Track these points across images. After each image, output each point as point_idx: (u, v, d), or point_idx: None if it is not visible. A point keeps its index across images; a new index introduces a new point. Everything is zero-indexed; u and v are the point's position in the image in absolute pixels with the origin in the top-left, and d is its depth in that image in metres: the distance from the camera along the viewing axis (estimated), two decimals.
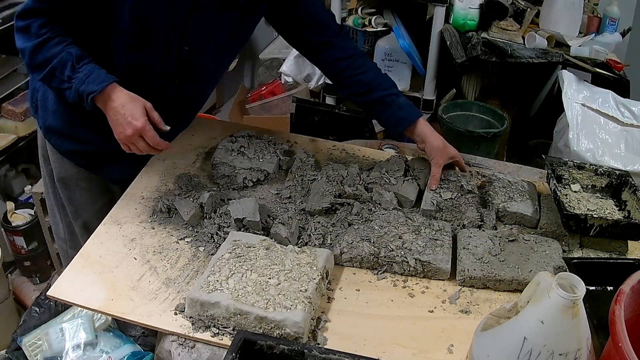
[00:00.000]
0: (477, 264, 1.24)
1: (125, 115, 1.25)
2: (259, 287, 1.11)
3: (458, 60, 2.28)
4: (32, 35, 1.27)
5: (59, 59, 1.26)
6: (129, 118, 1.25)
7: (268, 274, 1.14)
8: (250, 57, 3.62)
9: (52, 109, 1.47)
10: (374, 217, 1.36)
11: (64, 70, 1.26)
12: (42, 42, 1.26)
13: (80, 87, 1.25)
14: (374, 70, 1.55)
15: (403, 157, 1.57)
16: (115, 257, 1.24)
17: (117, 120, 1.27)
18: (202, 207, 1.34)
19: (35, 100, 1.52)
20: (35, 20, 1.26)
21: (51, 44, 1.26)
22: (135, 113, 1.25)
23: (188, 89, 1.47)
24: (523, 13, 2.38)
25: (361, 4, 2.58)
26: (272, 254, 1.19)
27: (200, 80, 1.49)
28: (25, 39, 1.28)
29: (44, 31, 1.26)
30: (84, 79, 1.25)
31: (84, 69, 1.26)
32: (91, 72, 1.26)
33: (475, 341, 0.95)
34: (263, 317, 1.05)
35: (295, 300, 1.08)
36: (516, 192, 1.47)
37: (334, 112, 2.09)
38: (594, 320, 1.02)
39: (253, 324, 1.06)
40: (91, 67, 1.27)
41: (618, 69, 2.19)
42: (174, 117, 1.40)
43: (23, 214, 2.42)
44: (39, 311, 1.55)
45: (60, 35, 1.28)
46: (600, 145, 1.92)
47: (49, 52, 1.26)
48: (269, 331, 1.06)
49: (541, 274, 0.88)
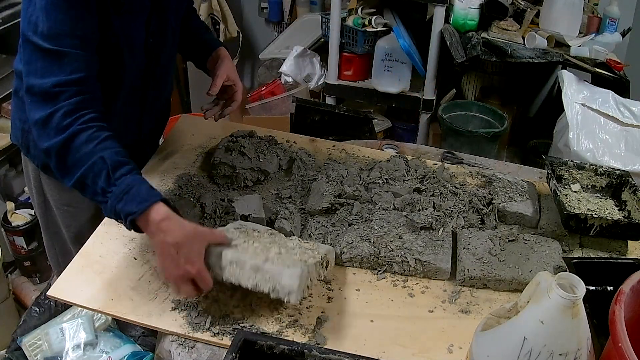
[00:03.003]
0: (477, 264, 1.24)
1: (180, 255, 1.04)
2: (260, 250, 1.09)
3: (458, 60, 2.28)
4: (55, 130, 1.07)
5: (90, 166, 1.06)
6: (183, 261, 1.04)
7: (270, 246, 1.11)
8: (250, 57, 3.62)
9: None
10: (374, 217, 1.36)
11: (96, 180, 1.06)
12: (68, 138, 1.06)
13: (117, 205, 1.05)
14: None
15: (403, 157, 1.57)
16: (115, 257, 1.24)
17: (167, 257, 1.05)
18: (202, 207, 1.34)
19: (26, 141, 1.40)
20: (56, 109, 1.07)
21: (79, 141, 1.07)
22: (192, 257, 1.04)
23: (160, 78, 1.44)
24: (523, 13, 2.38)
25: (361, 4, 2.59)
26: (277, 237, 1.18)
27: (167, 63, 1.45)
28: (46, 135, 1.08)
29: (67, 122, 1.07)
30: (121, 196, 1.05)
31: (120, 182, 1.05)
32: (130, 187, 1.05)
33: (475, 341, 0.95)
34: (259, 267, 1.03)
35: (294, 263, 1.06)
36: (516, 192, 1.47)
37: (334, 112, 2.09)
38: (594, 320, 1.02)
39: (248, 274, 1.03)
40: (130, 180, 1.06)
41: (618, 69, 2.19)
42: (155, 110, 1.40)
43: (23, 214, 2.42)
44: (39, 311, 1.55)
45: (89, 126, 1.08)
46: (600, 145, 1.93)
47: (77, 153, 1.07)
48: (262, 283, 1.04)
49: (541, 274, 0.88)
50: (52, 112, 1.07)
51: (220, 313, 1.12)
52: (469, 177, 1.59)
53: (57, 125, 1.07)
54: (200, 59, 1.53)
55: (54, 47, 1.08)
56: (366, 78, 2.66)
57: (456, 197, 1.43)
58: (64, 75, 1.08)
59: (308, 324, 1.12)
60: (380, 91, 2.56)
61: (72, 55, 1.09)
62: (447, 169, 1.59)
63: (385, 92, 2.55)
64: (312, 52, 2.91)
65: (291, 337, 1.09)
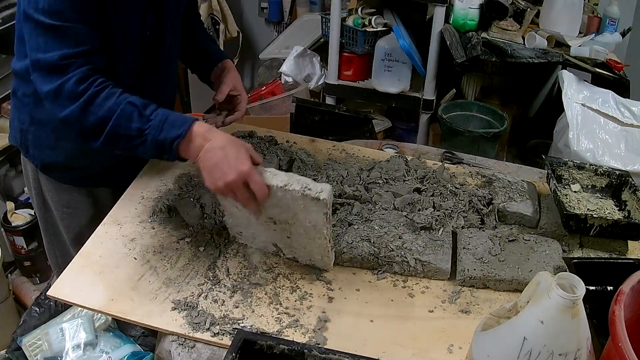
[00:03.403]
0: (477, 264, 1.24)
1: (228, 158, 1.07)
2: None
3: (458, 60, 2.28)
4: (69, 98, 1.08)
5: (120, 114, 1.08)
6: (234, 161, 1.06)
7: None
8: (250, 57, 3.63)
9: (50, 146, 1.39)
10: (374, 217, 1.36)
11: (130, 124, 1.08)
12: (87, 101, 1.08)
13: (159, 136, 1.08)
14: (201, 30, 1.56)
15: (403, 157, 1.57)
16: (115, 257, 1.24)
17: (217, 165, 1.07)
18: (202, 207, 1.34)
19: (25, 141, 1.40)
20: (67, 79, 1.08)
21: (100, 99, 1.08)
22: (241, 156, 1.07)
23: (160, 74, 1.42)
24: (523, 13, 2.38)
25: (361, 4, 2.59)
26: None
27: (167, 61, 1.42)
28: (61, 104, 1.09)
29: (82, 88, 1.08)
30: (161, 126, 1.08)
31: (155, 117, 1.09)
32: (166, 117, 1.09)
33: (475, 341, 0.95)
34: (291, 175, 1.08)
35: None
36: (516, 192, 1.47)
37: (334, 112, 2.09)
38: (594, 320, 1.02)
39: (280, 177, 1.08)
40: (163, 112, 1.10)
41: (618, 69, 2.19)
42: None
43: (23, 214, 2.42)
44: (39, 311, 1.55)
45: (105, 86, 1.10)
46: (600, 145, 1.93)
47: (100, 110, 1.08)
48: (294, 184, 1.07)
49: (541, 274, 0.88)
50: (63, 83, 1.08)
51: (220, 313, 1.12)
52: (469, 177, 1.59)
53: (72, 94, 1.08)
54: (204, 71, 1.50)
55: (56, 23, 1.08)
56: (366, 78, 2.66)
57: (456, 197, 1.43)
58: (70, 48, 1.09)
59: (308, 324, 1.12)
60: (380, 91, 2.56)
61: (75, 30, 1.10)
62: (447, 169, 1.59)
63: (385, 92, 2.55)
64: (312, 52, 2.91)
65: (291, 337, 1.09)
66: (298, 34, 3.13)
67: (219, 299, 1.15)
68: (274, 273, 1.23)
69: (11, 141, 1.48)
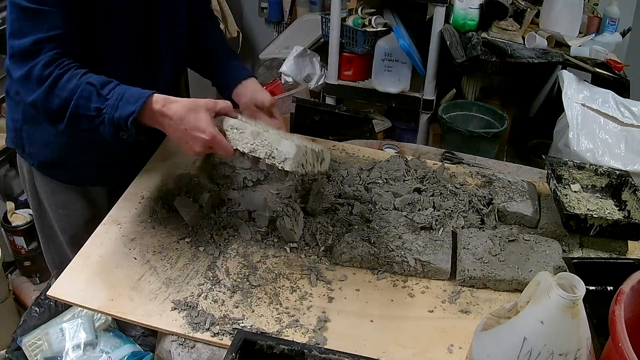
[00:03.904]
0: (477, 264, 1.24)
1: (189, 129, 1.07)
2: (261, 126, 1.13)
3: (458, 60, 2.28)
4: (36, 82, 1.10)
5: (79, 95, 1.08)
6: (195, 131, 1.07)
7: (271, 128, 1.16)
8: (250, 57, 3.62)
9: (44, 142, 1.39)
10: (374, 217, 1.36)
11: (89, 104, 1.08)
12: (51, 83, 1.09)
13: (114, 114, 1.07)
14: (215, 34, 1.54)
15: (403, 157, 1.57)
16: (115, 257, 1.24)
17: (181, 138, 1.09)
18: (202, 207, 1.34)
19: (21, 139, 1.40)
20: (35, 63, 1.09)
21: (62, 81, 1.09)
22: (199, 124, 1.07)
23: (154, 70, 1.39)
24: (523, 13, 2.38)
25: (361, 4, 2.59)
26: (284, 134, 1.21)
27: (161, 58, 1.39)
28: (30, 89, 1.11)
29: (48, 71, 1.09)
30: (116, 104, 1.07)
31: (112, 94, 1.08)
32: (122, 94, 1.08)
33: (475, 341, 0.95)
34: (259, 133, 1.07)
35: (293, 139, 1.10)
36: (516, 192, 1.47)
37: (334, 112, 2.09)
38: (594, 320, 1.02)
39: (246, 139, 1.07)
40: (120, 89, 1.09)
41: (618, 69, 2.19)
42: None
43: (23, 214, 2.42)
44: (39, 311, 1.55)
45: (69, 68, 1.11)
46: (600, 145, 1.92)
47: (63, 92, 1.09)
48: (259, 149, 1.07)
49: (541, 274, 0.88)
50: (32, 67, 1.10)
51: (220, 313, 1.12)
52: (469, 177, 1.59)
53: (39, 77, 1.10)
54: (224, 89, 1.44)
55: (32, 5, 1.10)
56: (366, 78, 2.66)
57: (456, 197, 1.43)
58: (43, 32, 1.11)
59: (308, 324, 1.12)
60: (380, 91, 2.56)
61: (50, 13, 1.11)
62: (447, 169, 1.59)
63: (385, 92, 2.55)
64: (312, 52, 2.91)
65: (291, 337, 1.09)
66: (298, 34, 3.13)
67: (218, 299, 1.15)
68: (274, 273, 1.23)
69: (8, 144, 1.49)
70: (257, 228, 1.33)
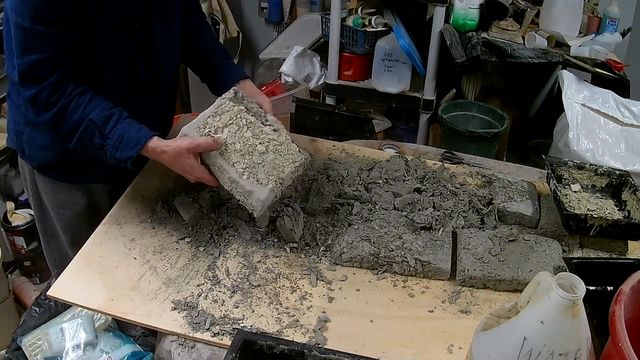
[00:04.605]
0: (477, 264, 1.24)
1: (179, 171, 1.26)
2: (246, 148, 1.24)
3: (458, 60, 2.28)
4: (44, 108, 1.21)
5: (84, 129, 1.21)
6: (184, 174, 1.26)
7: (261, 137, 1.26)
8: (250, 57, 3.62)
9: (45, 145, 1.40)
10: (374, 217, 1.36)
11: (92, 139, 1.22)
12: (57, 114, 1.21)
13: (115, 154, 1.21)
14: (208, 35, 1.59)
15: (403, 157, 1.57)
16: (115, 257, 1.24)
17: (176, 171, 1.28)
18: (202, 207, 1.34)
19: (21, 142, 1.43)
20: (40, 89, 1.19)
21: (69, 111, 1.21)
22: (185, 169, 1.24)
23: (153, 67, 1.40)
24: (523, 13, 2.38)
25: (361, 4, 2.58)
26: (277, 125, 1.31)
27: (160, 54, 1.41)
28: (37, 111, 1.24)
29: (54, 99, 1.20)
30: (117, 146, 1.21)
31: (113, 135, 1.21)
32: (122, 137, 1.21)
33: (475, 341, 0.95)
34: (236, 182, 1.21)
35: (270, 177, 1.22)
36: (516, 192, 1.47)
37: (334, 112, 2.09)
38: (594, 320, 1.02)
39: (227, 182, 1.23)
40: (120, 130, 1.21)
41: (618, 69, 2.19)
42: (151, 101, 1.39)
43: (23, 214, 2.42)
44: (39, 311, 1.55)
45: (74, 96, 1.21)
46: (600, 145, 1.92)
47: (70, 120, 1.21)
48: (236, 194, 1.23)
49: (541, 274, 0.88)
50: (37, 93, 1.20)
51: (220, 313, 1.12)
52: (469, 177, 1.59)
53: (46, 104, 1.21)
54: (218, 90, 1.48)
55: (35, 27, 1.15)
56: (366, 78, 2.66)
57: (456, 197, 1.43)
58: (39, 53, 1.18)
59: (308, 324, 1.12)
60: (380, 91, 2.56)
61: (50, 35, 1.17)
62: (447, 169, 1.59)
63: (385, 92, 2.55)
64: (312, 52, 2.90)
65: (291, 337, 1.09)
66: (298, 34, 3.13)
67: (219, 299, 1.15)
68: (274, 273, 1.23)
69: (9, 144, 1.49)
70: (257, 228, 1.33)
